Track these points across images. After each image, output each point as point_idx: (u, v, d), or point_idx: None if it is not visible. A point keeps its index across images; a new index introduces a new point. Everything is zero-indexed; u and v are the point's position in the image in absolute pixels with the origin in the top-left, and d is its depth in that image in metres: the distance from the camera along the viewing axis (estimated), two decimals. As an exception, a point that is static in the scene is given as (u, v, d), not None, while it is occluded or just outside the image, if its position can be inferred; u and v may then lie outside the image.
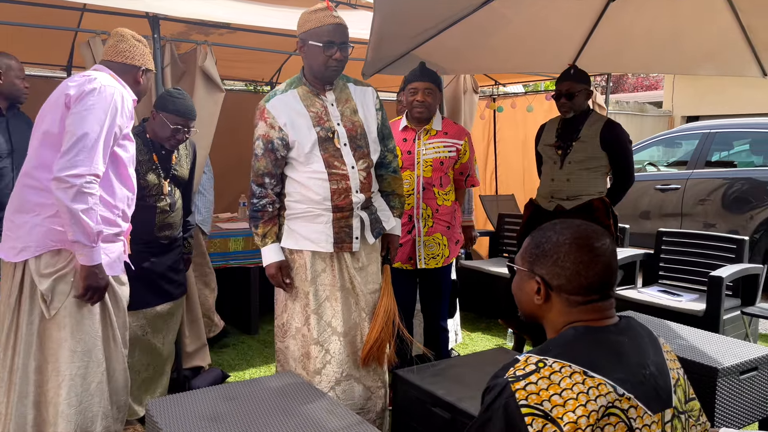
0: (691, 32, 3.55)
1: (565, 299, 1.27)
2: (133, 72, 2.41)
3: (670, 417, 1.20)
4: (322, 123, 2.47)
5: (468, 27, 3.38)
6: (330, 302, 2.53)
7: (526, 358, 1.19)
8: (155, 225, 2.84)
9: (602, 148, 3.31)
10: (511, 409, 1.12)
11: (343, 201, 2.47)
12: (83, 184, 2.08)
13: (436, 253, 3.15)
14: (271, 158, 2.48)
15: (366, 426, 1.98)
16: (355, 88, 2.61)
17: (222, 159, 5.12)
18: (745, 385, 2.62)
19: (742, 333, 3.87)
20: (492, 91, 6.19)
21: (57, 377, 2.17)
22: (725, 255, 4.05)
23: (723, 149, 6.49)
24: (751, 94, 11.04)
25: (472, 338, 4.45)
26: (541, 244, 1.30)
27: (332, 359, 2.52)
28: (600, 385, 1.12)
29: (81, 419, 2.21)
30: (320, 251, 2.50)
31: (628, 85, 21.15)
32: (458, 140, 3.16)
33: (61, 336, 2.17)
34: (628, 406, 1.13)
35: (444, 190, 3.15)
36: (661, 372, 1.22)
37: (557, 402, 1.10)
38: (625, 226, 4.74)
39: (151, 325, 2.92)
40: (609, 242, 1.28)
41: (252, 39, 4.15)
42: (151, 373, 3.01)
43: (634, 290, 4.18)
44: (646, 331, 1.30)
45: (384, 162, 2.70)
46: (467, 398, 2.25)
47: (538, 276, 1.29)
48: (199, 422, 1.98)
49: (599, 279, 1.25)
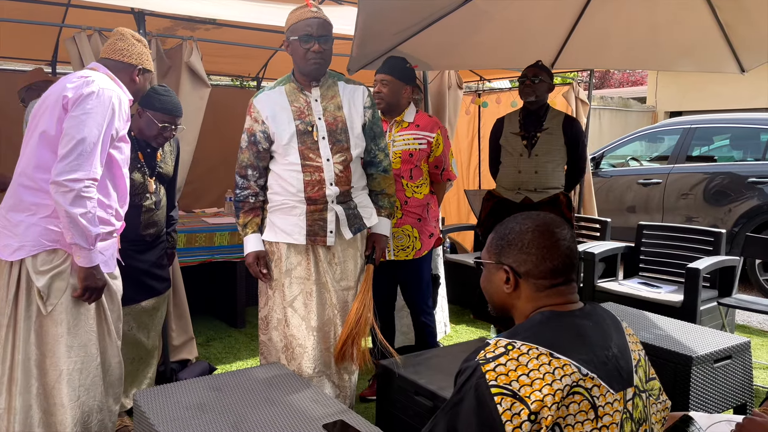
0: (670, 29, 3.62)
1: (532, 284, 1.33)
2: (129, 70, 2.41)
3: (632, 395, 1.27)
4: (302, 117, 2.54)
5: (451, 24, 3.43)
6: (304, 296, 2.58)
7: (496, 342, 1.25)
8: (140, 224, 2.85)
9: (564, 141, 3.48)
10: (482, 389, 1.18)
11: (317, 193, 2.53)
12: (82, 188, 2.10)
13: (406, 245, 3.15)
14: (253, 150, 2.58)
15: (350, 414, 2.03)
16: (345, 86, 2.65)
17: (208, 154, 5.13)
18: (719, 372, 2.70)
19: (719, 323, 3.96)
20: (477, 87, 6.24)
21: (55, 371, 2.20)
22: (703, 248, 4.14)
23: (703, 144, 6.60)
24: (732, 90, 11.18)
25: (457, 330, 4.52)
26: (506, 236, 1.37)
27: (305, 353, 2.56)
28: (565, 365, 1.19)
29: (79, 413, 2.24)
30: (295, 243, 2.56)
31: (614, 81, 21.31)
32: (430, 133, 3.17)
33: (58, 332, 2.20)
34: (591, 385, 1.20)
35: (414, 182, 3.16)
36: (623, 353, 1.29)
37: (525, 382, 1.17)
38: (607, 219, 4.82)
39: (136, 321, 2.94)
40: (568, 229, 1.36)
41: (238, 35, 4.18)
42: (136, 366, 3.04)
43: (615, 282, 4.26)
44: (610, 315, 1.37)
45: (374, 161, 2.73)
46: (449, 387, 2.31)
47: (506, 265, 1.35)
48: (186, 411, 2.02)
49: (562, 261, 1.32)
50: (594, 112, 11.05)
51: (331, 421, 1.96)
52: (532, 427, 1.14)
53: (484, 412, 1.16)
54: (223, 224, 4.20)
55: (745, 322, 4.91)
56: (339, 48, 4.44)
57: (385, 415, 2.58)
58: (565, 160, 3.53)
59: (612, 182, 6.86)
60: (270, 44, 4.57)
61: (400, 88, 3.13)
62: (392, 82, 3.11)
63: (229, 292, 4.55)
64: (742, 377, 2.80)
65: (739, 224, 5.78)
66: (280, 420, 1.97)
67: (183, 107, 3.51)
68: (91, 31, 3.18)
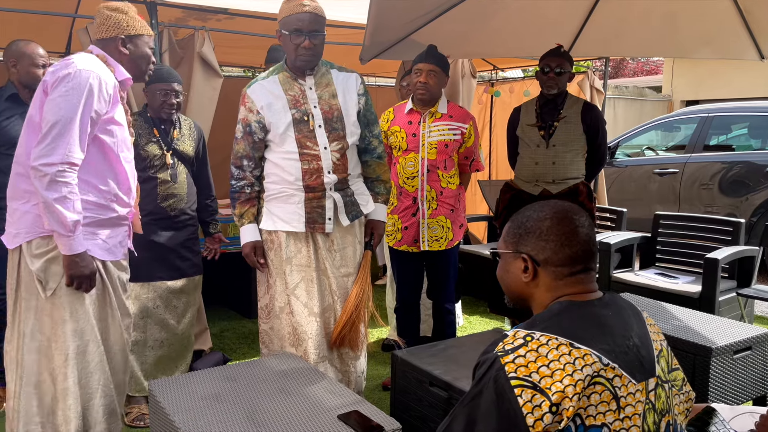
0: (689, 15, 3.55)
1: (551, 272, 1.30)
2: (113, 44, 2.31)
3: (654, 386, 1.24)
4: (298, 105, 2.54)
5: (465, 11, 3.39)
6: (305, 283, 2.60)
7: (515, 333, 1.23)
8: (158, 195, 2.95)
9: (583, 130, 3.39)
10: (501, 381, 1.16)
11: (315, 181, 2.54)
12: (56, 173, 2.05)
13: (440, 236, 3.18)
14: (248, 141, 2.59)
15: (365, 404, 2.01)
16: (338, 74, 2.64)
17: (220, 146, 5.12)
18: (738, 364, 2.66)
19: (738, 314, 3.91)
20: (490, 76, 6.18)
21: (61, 355, 2.20)
22: (722, 237, 4.08)
23: (721, 133, 6.50)
24: (750, 78, 11.02)
25: (471, 322, 4.50)
26: (523, 224, 1.35)
27: (309, 339, 2.58)
28: (585, 355, 1.16)
29: (83, 395, 2.25)
30: (294, 231, 2.58)
31: (628, 70, 21.09)
32: (463, 124, 3.18)
33: (62, 316, 2.19)
34: (612, 375, 1.17)
35: (448, 173, 3.18)
36: (644, 343, 1.26)
37: (545, 373, 1.14)
38: (623, 209, 4.77)
39: (162, 300, 3.00)
40: (586, 216, 1.34)
41: (250, 24, 4.15)
42: (166, 351, 3.06)
43: (631, 273, 4.21)
44: (629, 305, 1.34)
45: (369, 148, 2.73)
46: (464, 377, 2.29)
47: (524, 254, 1.32)
48: (201, 401, 2.02)
49: (582, 248, 1.29)
50: (609, 102, 10.92)
51: (345, 411, 1.95)
52: (553, 419, 1.12)
53: (504, 405, 1.14)
54: (237, 215, 4.20)
55: (765, 313, 4.85)
56: (351, 38, 4.44)
57: (400, 406, 2.57)
58: (585, 148, 3.44)
59: (627, 172, 6.78)
60: (282, 34, 4.54)
61: (444, 79, 3.14)
62: (439, 73, 3.10)
63: (242, 283, 4.56)
64: (762, 368, 2.76)
65: (757, 214, 5.69)
66: (294, 410, 1.96)
67: (196, 98, 3.51)
68: (103, 21, 3.18)
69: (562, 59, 3.33)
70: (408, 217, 3.16)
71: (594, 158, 3.49)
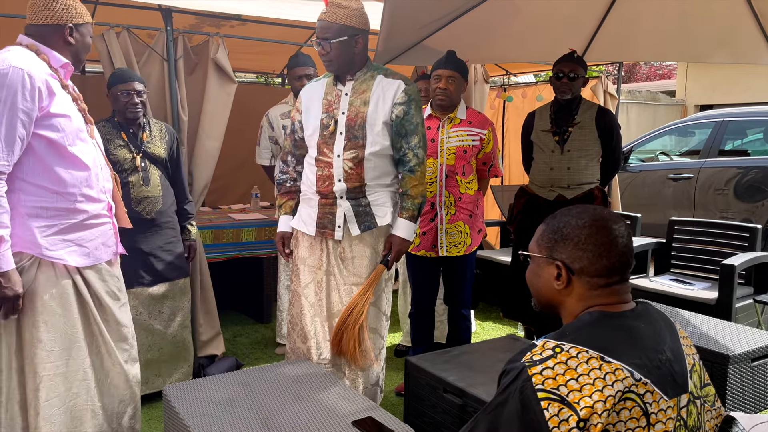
0: (702, 19, 3.53)
1: (586, 282, 1.27)
2: (58, 33, 2.11)
3: (686, 402, 1.20)
4: (329, 111, 2.56)
5: (478, 17, 3.39)
6: (314, 284, 2.62)
7: (543, 343, 1.20)
8: (132, 198, 2.93)
9: (597, 134, 3.37)
10: (527, 393, 1.13)
11: (326, 188, 2.56)
12: None
13: (458, 241, 3.17)
14: (291, 139, 2.74)
15: (379, 411, 2.01)
16: (381, 80, 2.56)
17: (234, 151, 5.15)
18: (756, 371, 2.63)
19: (755, 321, 3.86)
20: (503, 81, 6.17)
21: (34, 379, 2.08)
22: (738, 243, 4.03)
23: (736, 138, 6.44)
24: (764, 82, 10.92)
25: (483, 327, 4.47)
26: (560, 229, 1.30)
27: (311, 339, 2.59)
28: (617, 370, 1.13)
29: (67, 419, 2.14)
30: (307, 233, 2.63)
31: (641, 75, 20.97)
32: (482, 130, 3.18)
33: (36, 336, 2.07)
34: (644, 390, 1.14)
35: (467, 178, 3.17)
36: (677, 358, 1.22)
37: (574, 387, 1.11)
38: (637, 215, 4.73)
39: (144, 306, 2.97)
40: (625, 225, 1.29)
41: (263, 30, 4.18)
42: (156, 354, 3.03)
43: (646, 279, 4.17)
44: (663, 316, 1.29)
45: (403, 159, 2.58)
46: (478, 384, 2.28)
47: (558, 261, 1.29)
48: (215, 407, 2.02)
49: (620, 259, 1.26)
50: (622, 107, 10.86)
51: (360, 417, 1.95)
52: None
53: (528, 417, 1.12)
54: (250, 220, 4.21)
55: (781, 320, 4.79)
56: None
57: (413, 412, 2.56)
58: (600, 153, 3.43)
59: (641, 177, 6.73)
60: (295, 40, 4.57)
61: (462, 85, 3.15)
62: (458, 78, 3.11)
63: (255, 288, 4.57)
64: (780, 376, 2.72)
65: (773, 220, 5.63)
66: (309, 416, 1.96)
67: (210, 103, 3.53)
68: (119, 28, 3.21)
69: (575, 64, 3.32)
70: (426, 222, 3.16)
71: (609, 163, 3.47)
